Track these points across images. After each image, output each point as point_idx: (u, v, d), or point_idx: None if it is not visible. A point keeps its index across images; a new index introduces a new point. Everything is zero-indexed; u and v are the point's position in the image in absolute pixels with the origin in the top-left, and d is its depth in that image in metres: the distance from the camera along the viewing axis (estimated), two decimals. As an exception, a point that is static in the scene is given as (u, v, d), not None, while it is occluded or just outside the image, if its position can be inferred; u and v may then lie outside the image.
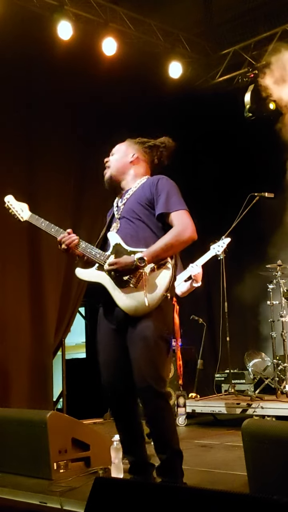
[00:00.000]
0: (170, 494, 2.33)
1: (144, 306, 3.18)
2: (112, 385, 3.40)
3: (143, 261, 3.17)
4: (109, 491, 2.47)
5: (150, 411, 3.25)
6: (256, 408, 5.88)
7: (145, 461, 3.44)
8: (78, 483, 3.64)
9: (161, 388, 3.22)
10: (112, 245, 3.36)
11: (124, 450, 3.50)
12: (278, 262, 6.58)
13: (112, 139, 8.31)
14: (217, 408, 6.30)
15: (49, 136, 7.11)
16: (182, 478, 3.27)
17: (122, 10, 7.31)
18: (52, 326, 7.00)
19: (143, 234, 3.34)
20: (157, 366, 3.21)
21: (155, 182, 3.41)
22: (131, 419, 3.43)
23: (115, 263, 3.22)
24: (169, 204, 3.33)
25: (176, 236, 3.26)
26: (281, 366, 6.31)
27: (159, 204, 3.34)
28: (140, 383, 3.21)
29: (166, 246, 3.25)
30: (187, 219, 3.32)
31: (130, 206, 3.42)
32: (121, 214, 3.45)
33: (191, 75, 8.24)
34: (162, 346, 3.25)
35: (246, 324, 8.58)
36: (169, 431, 3.27)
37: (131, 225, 3.38)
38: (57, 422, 3.98)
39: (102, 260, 3.32)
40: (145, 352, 3.19)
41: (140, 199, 3.41)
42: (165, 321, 3.29)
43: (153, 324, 3.21)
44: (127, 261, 3.20)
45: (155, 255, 3.21)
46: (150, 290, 3.21)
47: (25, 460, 4.05)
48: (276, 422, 4.61)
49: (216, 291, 7.26)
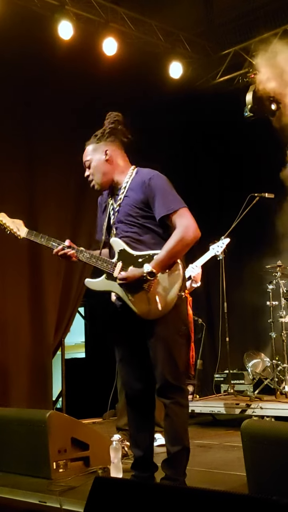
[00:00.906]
0: (169, 494, 2.33)
1: (157, 309, 3.23)
2: (128, 383, 3.48)
3: (153, 274, 3.20)
4: (108, 491, 2.48)
5: (168, 405, 3.31)
6: (255, 408, 5.89)
7: (150, 459, 3.48)
8: (77, 482, 3.65)
9: (181, 383, 3.33)
10: (117, 252, 3.36)
11: (131, 444, 3.55)
12: (278, 262, 6.58)
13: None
14: (216, 408, 6.30)
15: (49, 136, 7.11)
16: (184, 477, 3.32)
17: (123, 10, 7.31)
18: (52, 326, 7.00)
19: (145, 238, 3.35)
20: (177, 363, 3.29)
21: (146, 182, 3.36)
22: (147, 415, 3.50)
23: (124, 279, 3.25)
24: (167, 204, 3.30)
25: (180, 240, 3.26)
26: (280, 366, 6.31)
27: (157, 207, 3.31)
28: (160, 380, 3.29)
29: (172, 253, 3.26)
30: (188, 218, 3.30)
31: (126, 210, 3.39)
32: (118, 217, 3.42)
33: (192, 75, 8.23)
34: (180, 342, 3.33)
35: (245, 324, 8.57)
36: (183, 426, 3.35)
37: (132, 229, 3.37)
38: (57, 422, 3.99)
39: (110, 269, 3.34)
40: (165, 351, 3.27)
41: (135, 202, 3.37)
42: (181, 317, 3.35)
43: (170, 323, 3.28)
44: (136, 274, 3.23)
45: (162, 264, 3.24)
46: (163, 293, 3.25)
47: (24, 460, 4.06)
48: (275, 422, 4.62)
49: (215, 291, 7.27)
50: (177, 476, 3.27)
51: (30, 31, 6.66)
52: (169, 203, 3.31)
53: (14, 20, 6.46)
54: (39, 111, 7.09)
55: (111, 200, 3.52)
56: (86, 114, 7.47)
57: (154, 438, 5.11)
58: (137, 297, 3.27)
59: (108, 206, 3.52)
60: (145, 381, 3.42)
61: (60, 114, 7.22)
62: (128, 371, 3.46)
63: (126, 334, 3.41)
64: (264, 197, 6.66)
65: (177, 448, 3.29)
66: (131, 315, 3.30)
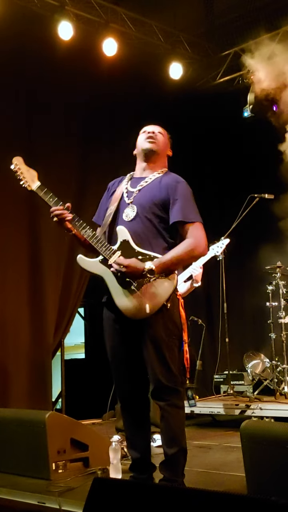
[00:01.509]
0: (169, 495, 2.33)
1: (143, 312, 3.20)
2: (122, 385, 3.46)
3: (153, 272, 3.17)
4: (107, 492, 2.48)
5: (163, 407, 3.30)
6: (255, 409, 5.88)
7: (148, 460, 3.48)
8: (76, 483, 3.65)
9: (175, 385, 3.30)
10: (120, 241, 3.32)
11: (129, 446, 3.54)
12: (277, 263, 6.58)
13: (112, 140, 8.34)
14: (216, 409, 6.30)
15: (49, 137, 7.11)
16: (182, 478, 3.31)
17: (123, 11, 7.31)
18: (52, 327, 6.99)
19: (152, 239, 3.32)
20: (169, 365, 3.27)
21: (174, 185, 3.37)
22: (141, 415, 3.49)
23: (124, 266, 3.19)
24: (186, 212, 3.31)
25: (188, 250, 3.26)
26: (280, 367, 6.32)
27: (175, 211, 3.31)
28: (154, 382, 3.28)
29: (177, 260, 3.26)
30: (202, 234, 3.31)
31: (144, 202, 3.37)
32: (133, 203, 3.39)
33: (192, 76, 8.24)
34: (172, 344, 3.30)
35: (245, 325, 8.57)
36: (180, 428, 3.33)
37: (143, 225, 3.33)
38: (56, 423, 3.99)
39: (107, 254, 3.29)
40: (156, 353, 3.25)
41: (155, 198, 3.36)
42: (172, 318, 3.32)
43: (161, 324, 3.25)
44: (137, 267, 3.18)
45: (165, 267, 3.22)
46: (151, 297, 3.22)
47: (23, 460, 4.06)
48: (275, 423, 4.61)
49: (215, 292, 7.27)
50: (175, 477, 3.27)
51: (30, 31, 6.67)
52: (188, 212, 3.32)
53: (14, 20, 6.46)
54: (40, 111, 7.09)
55: (127, 184, 3.50)
56: (86, 114, 7.49)
57: (153, 438, 5.13)
58: (125, 292, 3.23)
59: (118, 191, 3.51)
60: (137, 383, 3.42)
61: (60, 114, 7.22)
62: (120, 372, 3.43)
63: (119, 335, 3.38)
64: (264, 198, 6.67)
65: (174, 449, 3.27)
66: (120, 314, 3.27)
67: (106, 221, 3.45)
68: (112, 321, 3.40)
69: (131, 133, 3.78)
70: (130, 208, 3.40)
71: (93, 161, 7.45)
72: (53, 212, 3.39)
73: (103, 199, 3.65)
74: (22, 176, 3.45)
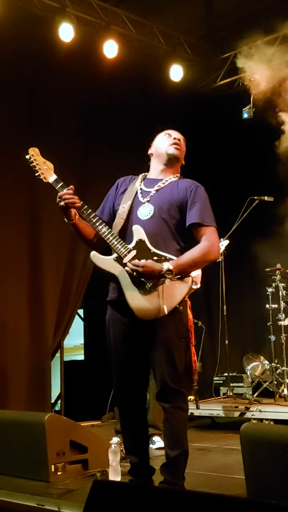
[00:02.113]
0: (168, 497, 2.33)
1: (157, 312, 3.18)
2: (123, 386, 3.42)
3: (171, 273, 3.17)
4: (107, 494, 2.47)
5: (168, 409, 3.29)
6: (254, 411, 5.88)
7: (147, 463, 3.46)
8: (75, 485, 3.65)
9: (180, 387, 3.30)
10: (136, 240, 3.29)
11: (127, 450, 3.51)
12: (277, 265, 6.58)
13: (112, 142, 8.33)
14: (215, 411, 6.30)
15: (49, 138, 7.10)
16: (183, 481, 3.31)
17: (124, 13, 7.32)
18: (51, 328, 6.99)
19: (167, 240, 3.32)
20: (177, 367, 3.28)
21: (193, 188, 3.40)
22: (139, 419, 3.46)
23: (142, 266, 3.17)
24: (203, 215, 3.33)
25: (205, 253, 3.27)
26: (279, 369, 6.32)
27: (193, 213, 3.32)
28: (160, 384, 3.27)
29: (194, 262, 3.26)
30: (217, 239, 3.35)
31: (162, 203, 3.37)
32: (150, 202, 3.38)
33: (192, 78, 8.25)
34: (181, 346, 3.32)
35: (245, 327, 8.57)
36: (183, 430, 3.33)
37: (159, 225, 3.33)
38: (55, 424, 3.98)
39: (123, 253, 3.26)
40: (165, 354, 3.25)
41: (173, 199, 3.37)
42: (183, 321, 3.33)
43: (172, 326, 3.26)
44: (155, 267, 3.17)
45: (182, 268, 3.22)
46: (166, 299, 3.21)
47: (22, 462, 4.05)
48: (274, 425, 4.61)
49: (215, 294, 7.26)
50: (176, 480, 3.26)
51: (31, 33, 6.67)
52: (205, 215, 3.34)
53: (15, 22, 6.46)
54: (40, 113, 7.09)
55: (141, 184, 3.49)
56: (87, 115, 7.49)
57: (153, 440, 5.13)
58: (139, 291, 3.21)
59: (130, 190, 3.49)
60: (138, 385, 3.41)
61: (61, 116, 7.22)
62: (122, 374, 3.40)
63: (125, 336, 3.36)
64: (263, 200, 6.67)
65: (177, 452, 3.27)
66: (130, 314, 3.25)
67: (119, 219, 3.41)
68: (119, 322, 3.37)
69: (131, 134, 3.78)
70: (146, 207, 3.39)
71: (94, 163, 7.45)
72: (63, 196, 3.33)
73: (110, 194, 3.61)
74: (38, 167, 3.38)
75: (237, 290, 7.98)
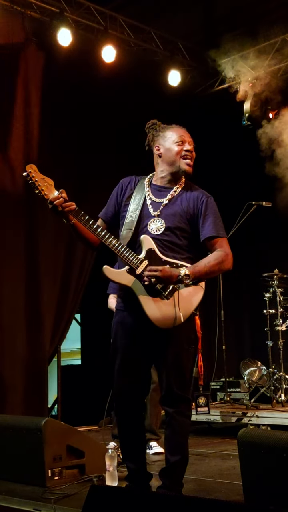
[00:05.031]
0: (165, 503, 2.32)
1: (175, 320, 3.19)
2: (124, 392, 3.37)
3: (188, 277, 3.16)
4: (104, 499, 2.46)
5: (172, 415, 3.29)
6: (251, 417, 5.88)
7: (144, 469, 3.44)
8: (72, 490, 3.64)
9: (186, 393, 3.32)
10: (146, 250, 3.26)
11: (124, 456, 3.47)
12: (275, 271, 6.58)
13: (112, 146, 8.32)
14: (212, 417, 6.28)
15: (47, 143, 7.11)
16: (181, 488, 3.31)
17: (122, 18, 7.34)
18: (48, 332, 6.98)
19: (177, 252, 3.31)
20: (184, 373, 3.30)
21: (203, 200, 3.41)
22: (137, 425, 3.44)
23: (160, 270, 3.14)
24: (217, 228, 3.37)
25: (220, 262, 3.29)
26: (276, 375, 6.31)
27: (207, 227, 3.34)
28: (166, 389, 3.27)
29: (210, 269, 3.27)
30: (229, 249, 3.37)
31: (173, 217, 3.33)
32: (160, 216, 3.35)
33: (190, 84, 8.27)
34: (190, 352, 3.35)
35: (242, 332, 8.57)
36: (185, 437, 3.34)
37: (168, 238, 3.31)
38: (52, 429, 3.97)
39: (135, 264, 3.22)
40: (176, 360, 3.26)
41: (183, 211, 3.36)
42: (194, 327, 3.38)
43: (185, 333, 3.29)
44: (172, 272, 3.15)
45: (198, 275, 3.22)
46: (183, 306, 3.22)
47: (19, 467, 4.04)
48: (272, 431, 4.59)
49: (212, 299, 7.26)
50: (175, 485, 3.26)
51: (29, 37, 6.68)
52: (219, 228, 3.38)
53: (13, 26, 6.48)
54: (39, 116, 7.08)
55: (148, 191, 3.44)
56: (85, 120, 7.49)
57: (150, 446, 5.12)
58: (155, 301, 3.20)
59: (137, 195, 3.44)
60: (139, 390, 3.38)
61: (59, 120, 7.22)
62: (125, 378, 3.35)
63: (135, 342, 3.31)
64: (261, 205, 6.68)
65: (177, 457, 3.27)
66: (141, 321, 3.22)
67: (127, 229, 3.35)
68: (130, 329, 3.33)
69: (130, 138, 3.77)
70: (157, 222, 3.35)
71: (92, 168, 7.44)
72: (55, 204, 3.24)
73: (114, 196, 3.54)
74: (38, 184, 3.26)
75: (235, 295, 7.98)
